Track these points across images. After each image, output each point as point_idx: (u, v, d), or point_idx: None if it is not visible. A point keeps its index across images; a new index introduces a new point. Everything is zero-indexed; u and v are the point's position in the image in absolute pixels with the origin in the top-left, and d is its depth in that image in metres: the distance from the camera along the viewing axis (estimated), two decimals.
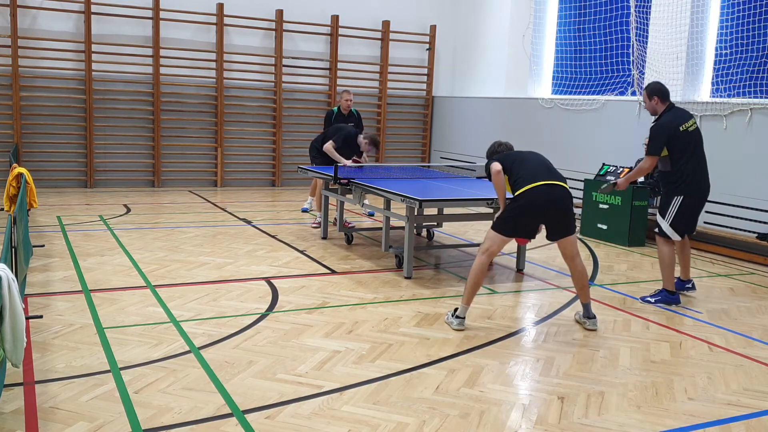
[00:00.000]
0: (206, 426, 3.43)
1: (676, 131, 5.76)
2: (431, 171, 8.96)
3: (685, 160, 5.80)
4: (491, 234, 5.15)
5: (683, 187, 5.83)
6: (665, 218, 5.92)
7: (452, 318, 5.14)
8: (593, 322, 5.25)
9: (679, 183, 5.83)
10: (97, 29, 11.57)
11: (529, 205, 5.02)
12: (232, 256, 7.17)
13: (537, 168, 5.14)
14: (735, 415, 3.81)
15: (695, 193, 5.89)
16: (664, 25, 9.38)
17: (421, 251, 7.82)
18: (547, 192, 5.00)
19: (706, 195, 6.01)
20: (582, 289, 5.26)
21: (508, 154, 5.36)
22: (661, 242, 6.00)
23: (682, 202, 5.84)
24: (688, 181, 5.82)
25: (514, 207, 5.08)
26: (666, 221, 5.92)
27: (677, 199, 5.85)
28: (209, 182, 12.80)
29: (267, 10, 12.74)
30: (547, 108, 11.28)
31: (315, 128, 13.52)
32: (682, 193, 5.83)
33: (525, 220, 5.11)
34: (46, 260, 6.66)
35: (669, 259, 5.96)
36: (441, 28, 14.07)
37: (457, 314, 5.12)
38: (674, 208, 5.87)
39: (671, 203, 5.88)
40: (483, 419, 3.63)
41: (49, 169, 11.69)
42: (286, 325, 5.03)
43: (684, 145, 5.79)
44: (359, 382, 4.03)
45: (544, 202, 5.01)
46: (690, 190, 5.84)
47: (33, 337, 4.52)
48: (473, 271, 5.09)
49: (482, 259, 5.10)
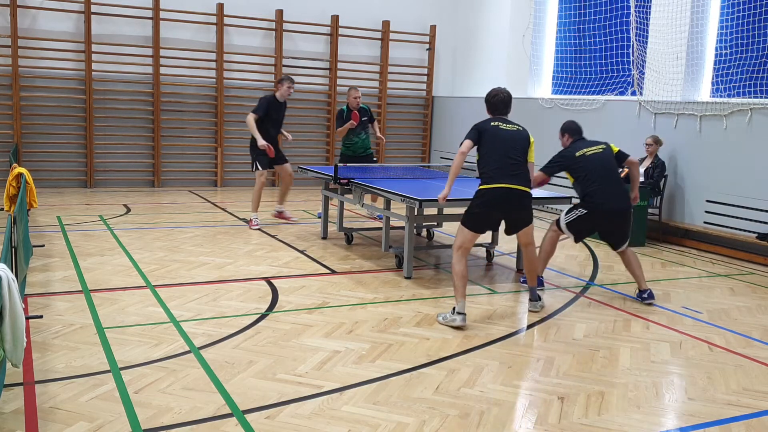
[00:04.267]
0: (206, 426, 3.43)
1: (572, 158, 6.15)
2: (431, 171, 8.95)
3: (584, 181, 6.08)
4: (460, 229, 5.46)
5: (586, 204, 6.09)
6: (566, 215, 6.17)
7: (453, 315, 5.16)
8: (534, 304, 5.67)
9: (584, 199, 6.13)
10: (97, 29, 11.57)
11: (490, 204, 5.37)
12: (232, 256, 7.17)
13: (503, 165, 5.35)
14: (735, 415, 3.81)
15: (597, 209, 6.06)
16: (664, 25, 9.37)
17: (421, 251, 7.82)
18: (508, 194, 5.33)
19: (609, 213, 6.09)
20: (530, 273, 5.72)
21: (486, 130, 5.50)
22: (550, 228, 6.33)
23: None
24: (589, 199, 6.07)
25: (477, 204, 5.43)
26: (564, 220, 6.16)
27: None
28: (209, 182, 12.80)
29: (267, 10, 12.74)
30: (547, 108, 11.28)
31: (315, 128, 13.59)
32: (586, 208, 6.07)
33: (487, 217, 5.47)
34: (46, 260, 6.66)
35: (548, 247, 6.29)
36: (441, 28, 14.07)
37: (458, 311, 5.16)
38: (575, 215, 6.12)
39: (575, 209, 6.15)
40: (483, 419, 3.63)
41: (49, 169, 11.69)
42: (286, 325, 5.03)
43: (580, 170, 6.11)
44: (359, 382, 4.03)
45: (503, 203, 5.38)
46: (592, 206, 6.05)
47: (33, 337, 4.52)
48: (453, 267, 5.34)
49: (458, 255, 5.37)
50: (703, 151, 8.69)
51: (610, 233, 6.17)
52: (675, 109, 9.09)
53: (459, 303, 5.18)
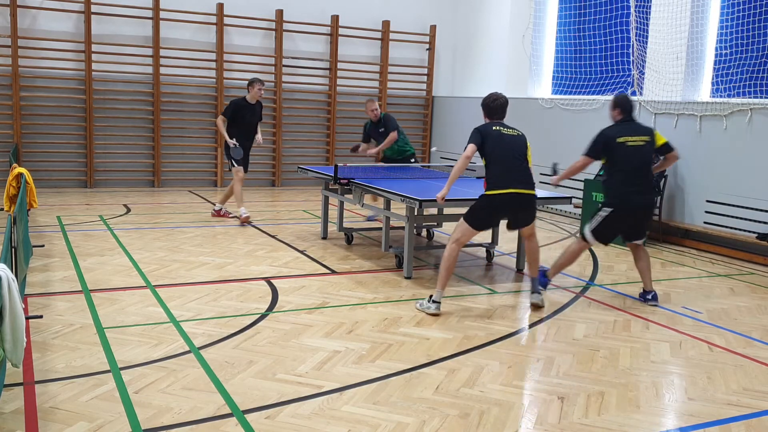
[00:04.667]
0: (206, 426, 3.43)
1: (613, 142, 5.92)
2: (431, 171, 8.95)
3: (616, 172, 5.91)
4: (462, 224, 5.53)
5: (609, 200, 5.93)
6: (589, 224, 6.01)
7: (429, 303, 5.36)
8: (535, 296, 5.71)
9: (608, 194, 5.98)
10: (97, 29, 11.57)
11: (498, 208, 5.51)
12: (232, 256, 7.17)
13: (510, 169, 5.43)
14: (735, 415, 3.81)
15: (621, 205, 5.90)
16: (664, 25, 9.37)
17: (421, 251, 7.82)
18: (516, 199, 5.44)
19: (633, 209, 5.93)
20: (533, 263, 5.79)
21: (488, 134, 5.55)
22: (576, 241, 6.18)
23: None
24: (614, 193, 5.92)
25: (483, 205, 5.52)
26: (589, 228, 5.98)
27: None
28: (209, 182, 12.80)
29: (267, 10, 12.74)
30: (547, 108, 11.28)
31: (315, 128, 13.59)
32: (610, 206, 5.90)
33: (492, 218, 5.68)
34: (46, 260, 6.66)
35: (571, 255, 6.11)
36: (441, 28, 14.07)
37: (434, 299, 5.37)
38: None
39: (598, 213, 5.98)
40: (483, 419, 3.63)
41: (49, 169, 11.69)
42: (286, 325, 5.03)
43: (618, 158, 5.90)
44: (359, 382, 4.03)
45: (511, 207, 5.52)
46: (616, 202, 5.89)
47: (33, 337, 4.52)
48: (446, 259, 5.46)
49: (452, 248, 5.48)
50: (703, 151, 8.69)
51: (631, 227, 5.99)
52: (675, 109, 9.09)
53: (437, 292, 5.39)
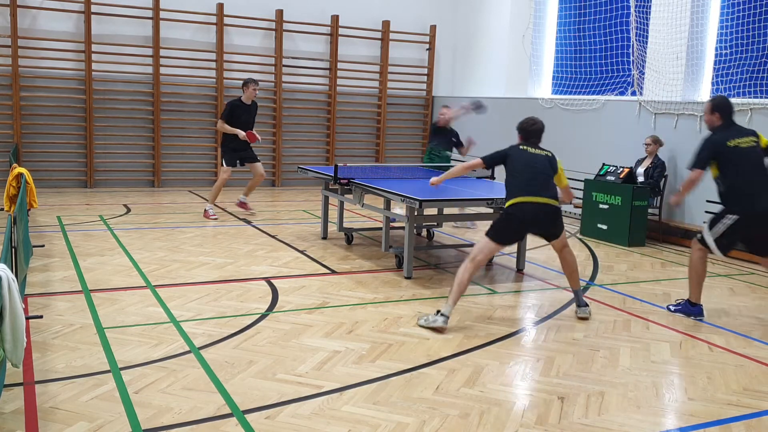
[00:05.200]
0: (206, 426, 3.43)
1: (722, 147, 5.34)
2: (431, 171, 8.94)
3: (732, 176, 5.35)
4: (482, 240, 5.33)
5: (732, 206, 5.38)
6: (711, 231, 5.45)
7: (436, 316, 5.06)
8: (583, 310, 5.47)
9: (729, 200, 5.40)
10: (97, 29, 11.57)
11: (517, 218, 5.31)
12: (232, 256, 7.17)
13: (529, 179, 5.32)
14: (735, 415, 3.81)
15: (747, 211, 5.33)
16: (664, 25, 9.37)
17: (421, 251, 7.82)
18: (536, 209, 5.27)
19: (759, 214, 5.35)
20: (572, 275, 5.53)
21: (509, 155, 5.50)
22: (695, 249, 5.61)
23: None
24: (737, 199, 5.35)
25: (503, 217, 5.40)
26: (712, 235, 5.44)
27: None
28: (209, 182, 12.76)
29: (267, 10, 12.74)
30: (547, 108, 11.28)
31: (315, 128, 13.58)
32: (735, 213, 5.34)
33: (511, 229, 5.39)
34: (46, 260, 6.65)
35: (698, 267, 5.57)
36: (441, 28, 14.06)
37: (443, 312, 5.07)
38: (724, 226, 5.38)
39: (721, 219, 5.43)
40: (483, 419, 3.63)
41: (49, 169, 11.69)
42: (286, 325, 5.03)
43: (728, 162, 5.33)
44: (359, 382, 4.03)
45: (532, 218, 5.31)
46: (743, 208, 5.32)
47: (33, 337, 4.52)
48: (459, 275, 5.16)
49: (470, 266, 5.19)
50: None
51: (762, 238, 5.38)
52: (675, 109, 9.09)
53: (446, 307, 5.10)
